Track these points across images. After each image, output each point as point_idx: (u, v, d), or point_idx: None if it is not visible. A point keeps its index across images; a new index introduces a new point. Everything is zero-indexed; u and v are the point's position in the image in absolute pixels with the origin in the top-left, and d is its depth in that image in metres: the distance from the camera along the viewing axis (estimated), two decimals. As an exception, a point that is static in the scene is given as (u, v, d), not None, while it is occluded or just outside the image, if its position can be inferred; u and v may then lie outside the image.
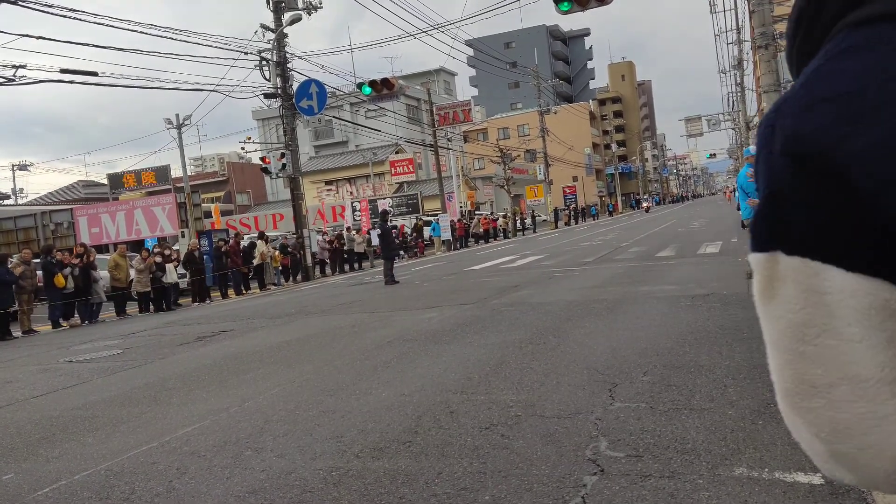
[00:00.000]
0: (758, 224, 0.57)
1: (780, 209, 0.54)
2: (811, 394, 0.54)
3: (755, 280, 0.58)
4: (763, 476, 3.37)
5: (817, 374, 0.53)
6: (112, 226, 27.03)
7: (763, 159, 0.56)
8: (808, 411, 0.54)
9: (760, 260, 0.56)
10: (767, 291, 0.56)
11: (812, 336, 0.53)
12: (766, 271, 0.56)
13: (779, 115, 0.55)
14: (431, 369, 6.54)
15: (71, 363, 9.80)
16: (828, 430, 0.54)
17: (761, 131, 0.57)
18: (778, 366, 0.56)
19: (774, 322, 0.56)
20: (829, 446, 0.54)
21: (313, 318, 11.84)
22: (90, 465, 4.73)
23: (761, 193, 0.56)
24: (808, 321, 0.53)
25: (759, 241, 0.56)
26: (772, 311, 0.56)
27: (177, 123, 28.01)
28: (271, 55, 23.51)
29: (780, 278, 0.55)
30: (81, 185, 49.91)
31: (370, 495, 3.65)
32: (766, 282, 0.56)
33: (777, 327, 0.55)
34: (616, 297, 10.17)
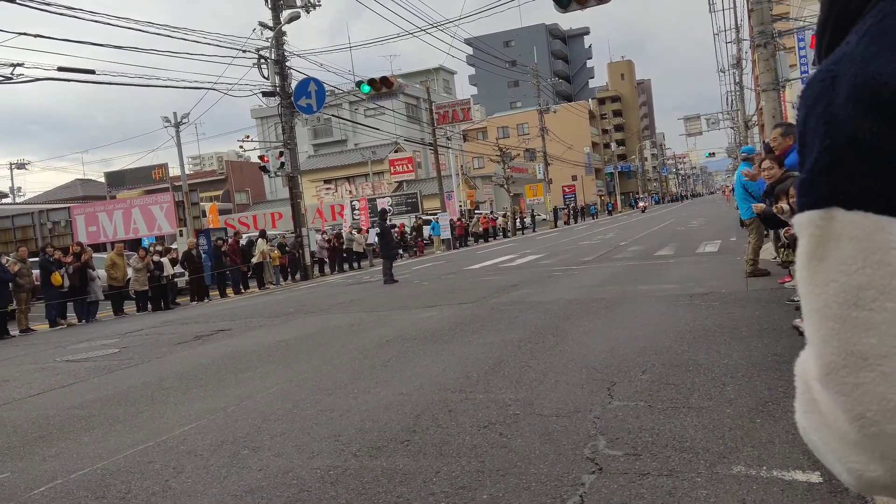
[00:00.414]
0: (811, 180, 0.53)
1: (842, 161, 0.51)
2: (860, 367, 0.50)
3: (802, 243, 0.54)
4: (761, 474, 3.36)
5: (870, 344, 0.49)
6: (109, 224, 27.00)
7: (819, 113, 0.53)
8: (855, 387, 0.50)
9: (813, 218, 0.53)
10: (819, 252, 0.52)
11: (869, 300, 0.50)
12: (820, 230, 0.52)
13: (841, 66, 0.52)
14: (430, 368, 6.53)
15: (68, 362, 9.78)
16: (876, 407, 0.49)
17: (815, 85, 0.54)
18: (822, 337, 0.52)
19: (823, 287, 0.52)
20: (872, 428, 0.49)
21: (312, 317, 11.82)
22: (86, 463, 4.71)
23: (815, 149, 0.53)
24: (867, 283, 0.50)
25: (812, 197, 0.53)
26: (822, 275, 0.52)
27: (175, 122, 27.97)
28: (270, 53, 23.48)
29: (836, 237, 0.51)
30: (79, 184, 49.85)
31: (368, 494, 3.64)
32: (818, 242, 0.52)
33: (826, 293, 0.52)
34: (615, 296, 10.15)
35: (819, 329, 0.52)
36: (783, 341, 6.02)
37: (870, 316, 0.49)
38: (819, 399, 0.54)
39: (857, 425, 0.50)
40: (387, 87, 25.74)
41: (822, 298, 0.52)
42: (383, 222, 18.50)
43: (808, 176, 0.54)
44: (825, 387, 0.53)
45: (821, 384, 0.53)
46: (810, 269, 0.53)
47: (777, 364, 5.32)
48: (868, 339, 0.50)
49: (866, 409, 0.50)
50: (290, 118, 24.44)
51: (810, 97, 0.55)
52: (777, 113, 14.86)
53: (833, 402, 0.52)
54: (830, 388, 0.52)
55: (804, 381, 0.57)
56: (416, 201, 43.29)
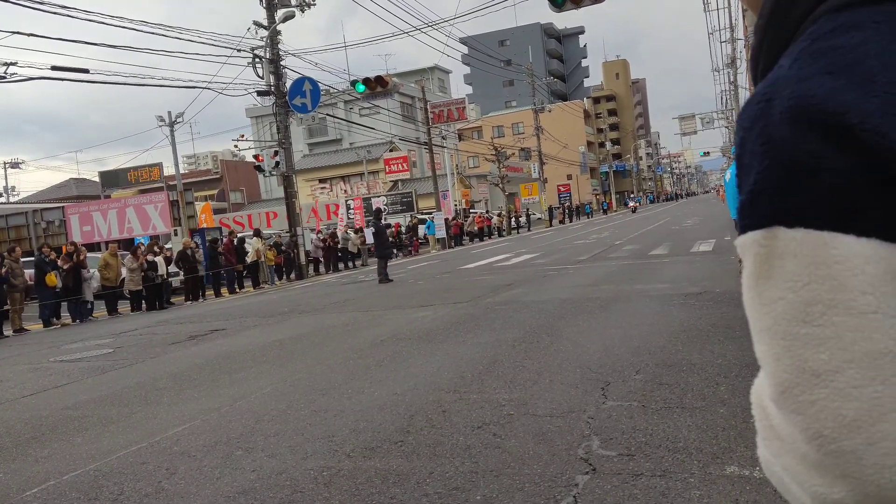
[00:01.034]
0: (752, 201, 0.53)
1: (780, 181, 0.51)
2: (813, 384, 0.49)
3: (748, 263, 0.54)
4: (754, 475, 3.36)
5: (821, 360, 0.49)
6: (104, 224, 26.89)
7: (755, 135, 0.53)
8: (810, 405, 0.49)
9: (756, 238, 0.53)
10: (763, 272, 0.52)
11: (817, 315, 0.49)
12: (764, 249, 0.52)
13: (775, 88, 0.53)
14: (424, 368, 6.52)
15: (61, 362, 9.75)
16: (832, 424, 0.49)
17: (751, 108, 0.54)
18: (774, 355, 0.52)
19: (771, 306, 0.52)
20: (831, 446, 0.49)
21: (306, 317, 11.81)
22: (79, 465, 4.70)
23: (754, 170, 0.53)
24: (813, 298, 0.50)
25: (753, 218, 0.53)
26: (768, 294, 0.52)
27: (169, 121, 27.89)
28: (264, 52, 23.43)
29: (780, 255, 0.51)
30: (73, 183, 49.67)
31: (361, 495, 3.63)
32: (762, 261, 0.52)
33: (775, 311, 0.51)
34: (609, 296, 10.17)
35: (771, 348, 0.52)
36: (777, 341, 6.03)
37: (819, 331, 0.49)
38: (776, 423, 0.54)
39: (816, 444, 0.50)
40: (382, 86, 25.71)
41: (771, 317, 0.52)
42: (378, 222, 18.49)
43: (748, 197, 0.54)
44: (781, 407, 0.52)
45: (776, 405, 0.53)
46: (757, 289, 0.53)
47: (770, 364, 5.32)
48: (819, 354, 0.49)
49: (823, 426, 0.49)
50: (285, 117, 24.39)
51: (747, 119, 0.55)
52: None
53: (790, 422, 0.52)
54: (786, 407, 0.51)
55: (761, 408, 0.57)
56: (412, 200, 43.23)
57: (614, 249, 19.87)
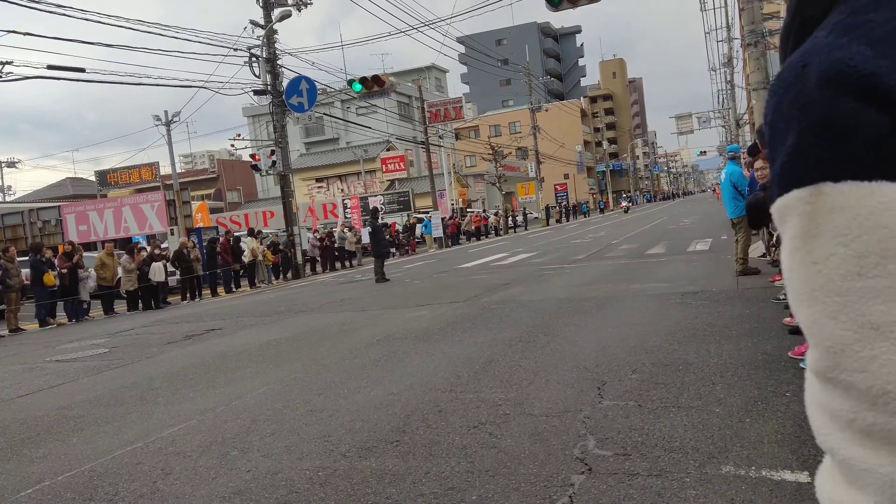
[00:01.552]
0: (793, 161, 0.53)
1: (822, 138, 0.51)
2: (873, 337, 0.48)
3: (792, 224, 0.53)
4: (750, 474, 3.36)
5: (880, 311, 0.48)
6: (100, 223, 26.83)
7: (791, 99, 0.54)
8: (871, 360, 0.48)
9: (802, 196, 0.52)
10: (811, 230, 0.52)
11: (870, 266, 0.49)
12: (811, 206, 0.52)
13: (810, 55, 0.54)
14: (420, 368, 6.52)
15: (57, 362, 9.73)
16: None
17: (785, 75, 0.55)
18: (831, 314, 0.51)
19: (822, 263, 0.51)
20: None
21: (302, 317, 11.79)
22: (74, 465, 4.68)
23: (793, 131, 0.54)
24: (865, 250, 0.49)
25: (795, 177, 0.53)
26: (819, 251, 0.51)
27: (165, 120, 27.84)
28: (261, 52, 23.40)
29: (827, 210, 0.51)
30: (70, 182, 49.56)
31: (357, 495, 3.63)
32: (810, 218, 0.52)
33: (827, 267, 0.51)
34: (606, 295, 10.17)
35: (826, 307, 0.51)
36: (773, 340, 6.04)
37: (874, 283, 0.49)
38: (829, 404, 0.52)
39: (882, 402, 0.48)
40: (379, 85, 25.71)
41: (824, 274, 0.51)
42: (375, 221, 18.47)
43: (787, 159, 0.54)
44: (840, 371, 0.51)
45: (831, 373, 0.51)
46: (806, 248, 0.53)
47: (766, 363, 5.33)
48: (877, 306, 0.49)
49: (887, 381, 0.48)
50: (282, 117, 24.36)
51: (781, 86, 0.56)
52: (767, 112, 14.89)
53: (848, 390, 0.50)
54: (848, 366, 0.50)
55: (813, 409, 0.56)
56: (408, 200, 43.23)
57: (611, 249, 19.88)
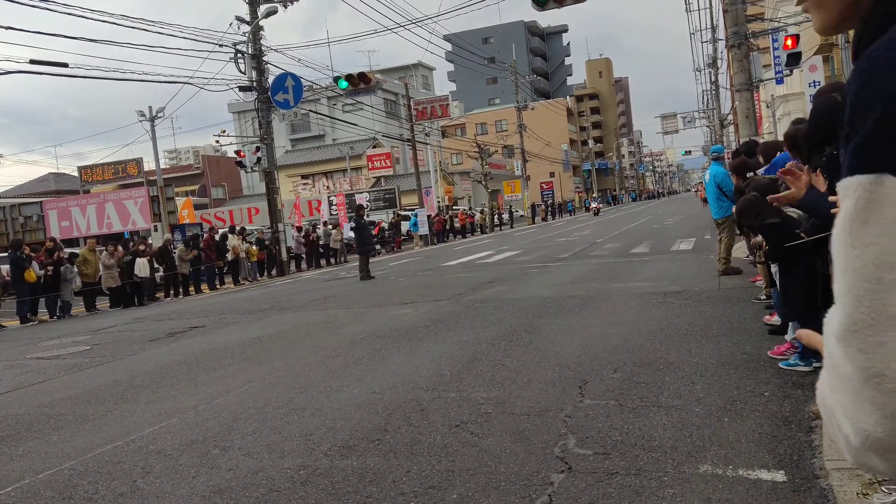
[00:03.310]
0: (865, 146, 0.56)
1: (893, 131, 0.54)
2: (886, 327, 0.52)
3: (847, 205, 0.56)
4: (727, 473, 3.40)
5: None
6: (83, 219, 26.62)
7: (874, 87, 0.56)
8: (879, 345, 0.53)
9: (862, 182, 0.55)
10: (862, 215, 0.55)
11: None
12: (868, 193, 0.54)
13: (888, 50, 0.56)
14: (404, 366, 6.53)
15: (38, 359, 9.64)
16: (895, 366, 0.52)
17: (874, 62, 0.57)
18: (856, 296, 0.54)
19: (864, 249, 0.54)
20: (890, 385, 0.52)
21: (286, 314, 11.76)
22: (54, 463, 4.65)
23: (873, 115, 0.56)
24: None
25: (863, 162, 0.55)
26: (863, 237, 0.55)
27: (150, 116, 27.65)
28: (247, 48, 23.26)
29: (881, 201, 0.54)
30: (52, 178, 49.05)
31: (337, 494, 3.63)
32: (864, 205, 0.55)
33: (866, 254, 0.54)
34: (590, 294, 10.22)
35: (853, 288, 0.55)
36: (753, 340, 6.10)
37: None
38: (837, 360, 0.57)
39: (875, 382, 0.53)
40: (365, 82, 25.64)
41: (862, 259, 0.54)
42: (360, 218, 18.43)
43: (862, 141, 0.56)
44: (848, 345, 0.55)
45: (842, 343, 0.56)
46: (852, 231, 0.56)
47: (746, 363, 5.39)
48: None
49: (886, 367, 0.52)
50: (268, 113, 24.24)
51: (867, 72, 0.58)
52: (750, 112, 15.02)
53: (852, 360, 0.55)
54: (854, 345, 0.55)
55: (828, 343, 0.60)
56: (394, 197, 43.14)
57: (596, 247, 19.97)
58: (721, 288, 9.47)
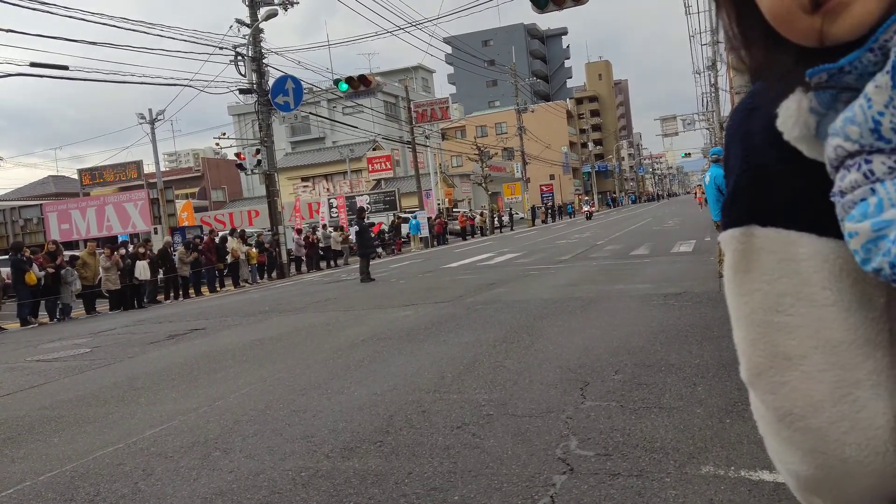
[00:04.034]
0: (733, 200, 0.59)
1: (756, 183, 0.57)
2: (785, 367, 0.55)
3: (729, 257, 0.59)
4: (729, 474, 3.40)
5: (792, 345, 0.54)
6: (83, 222, 26.62)
7: (738, 140, 0.59)
8: (782, 385, 0.55)
9: (736, 235, 0.58)
10: (742, 265, 0.57)
11: (787, 305, 0.55)
12: (742, 245, 0.57)
13: (757, 98, 0.59)
14: (405, 368, 6.52)
15: (39, 362, 9.64)
16: (801, 403, 0.54)
17: (737, 114, 0.60)
18: (751, 341, 0.57)
19: (749, 296, 0.57)
20: (799, 423, 0.54)
21: (287, 316, 11.76)
22: (55, 466, 4.65)
23: (734, 172, 0.59)
24: (784, 290, 0.55)
25: (734, 216, 0.58)
26: (747, 285, 0.57)
27: (150, 118, 27.66)
28: (247, 50, 23.29)
29: (756, 250, 0.57)
30: (52, 181, 49.06)
31: (339, 496, 3.63)
32: (742, 255, 0.57)
33: (752, 301, 0.57)
34: (591, 295, 10.22)
35: (748, 334, 0.57)
36: (754, 341, 6.09)
37: (789, 320, 0.55)
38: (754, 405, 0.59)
39: (787, 421, 0.55)
40: (365, 85, 25.66)
41: (750, 306, 0.57)
42: (361, 221, 18.44)
43: (730, 196, 0.59)
44: (756, 388, 0.57)
45: (751, 387, 0.58)
46: (737, 281, 0.58)
47: (747, 364, 5.38)
48: (790, 340, 0.55)
49: (793, 405, 0.54)
50: (268, 115, 24.26)
51: (733, 125, 0.61)
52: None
53: (763, 402, 0.57)
54: (761, 388, 0.57)
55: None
56: (394, 199, 43.14)
57: (596, 249, 19.97)
58: (721, 290, 9.42)
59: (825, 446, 0.53)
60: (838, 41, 0.52)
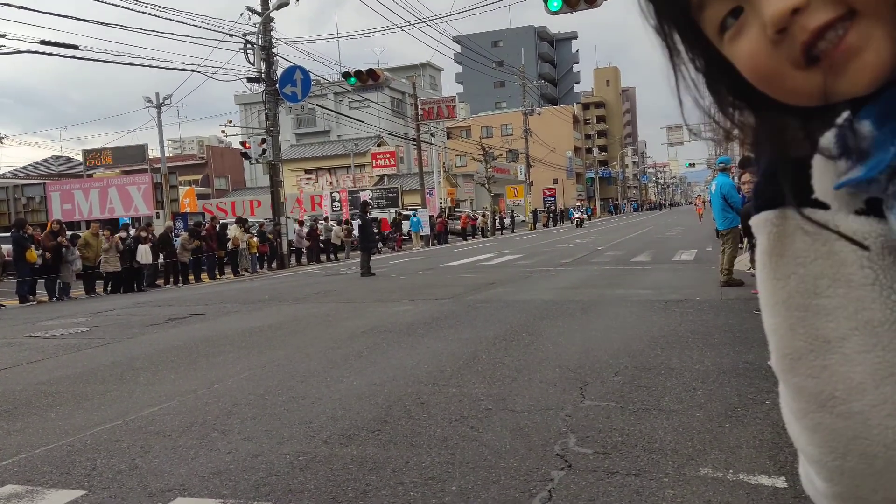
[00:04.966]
0: (767, 182, 0.58)
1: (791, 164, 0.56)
2: (825, 350, 0.53)
3: (762, 241, 0.58)
4: (727, 477, 3.40)
5: (831, 328, 0.53)
6: (85, 203, 26.62)
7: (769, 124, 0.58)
8: (823, 369, 0.54)
9: (770, 217, 0.57)
10: (778, 248, 0.57)
11: (824, 287, 0.54)
12: (777, 227, 0.56)
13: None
14: (404, 361, 6.52)
15: (37, 338, 9.64)
16: (843, 386, 0.53)
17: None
18: (790, 325, 0.56)
19: (786, 280, 0.56)
20: (841, 407, 0.53)
21: (287, 306, 11.75)
22: (52, 439, 4.65)
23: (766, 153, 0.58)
24: (820, 272, 0.54)
25: (768, 198, 0.57)
26: (782, 269, 0.56)
27: (157, 103, 27.65)
28: (257, 39, 23.27)
29: (790, 233, 0.56)
30: (56, 161, 49.06)
31: (336, 481, 3.63)
32: (777, 239, 0.57)
33: (789, 284, 0.56)
34: (591, 299, 10.22)
35: (786, 319, 0.56)
36: (754, 350, 6.10)
37: (827, 302, 0.54)
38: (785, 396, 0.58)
39: (829, 406, 0.54)
40: (373, 79, 25.65)
41: (786, 290, 0.56)
42: (364, 215, 18.44)
43: (762, 179, 0.59)
44: (794, 373, 0.56)
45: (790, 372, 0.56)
46: (772, 265, 0.57)
47: (747, 371, 5.39)
48: (828, 323, 0.54)
49: (834, 388, 0.53)
50: (275, 105, 24.24)
51: None
52: (758, 126, 15.04)
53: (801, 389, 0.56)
54: (801, 372, 0.55)
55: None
56: (397, 196, 43.13)
57: (597, 255, 19.97)
58: (723, 298, 9.46)
59: (867, 431, 0.52)
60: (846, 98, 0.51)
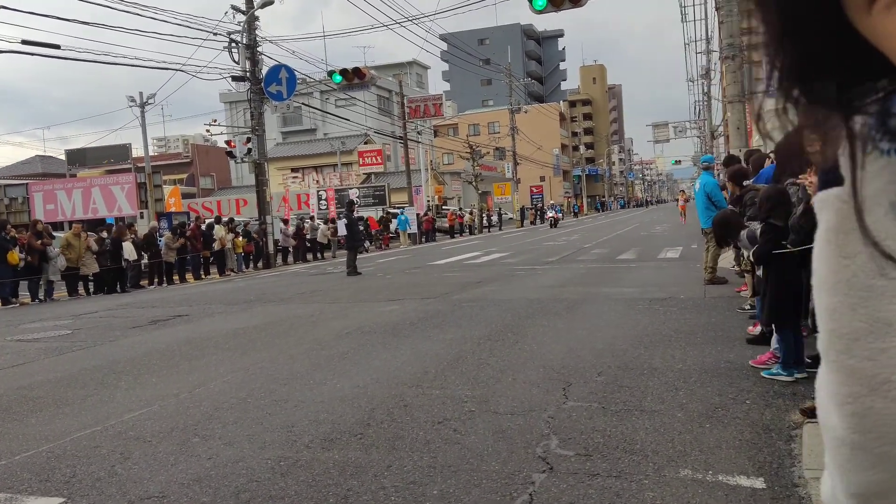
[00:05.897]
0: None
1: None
2: (885, 332, 0.51)
3: (828, 217, 0.55)
4: (707, 478, 3.42)
5: (893, 310, 0.51)
6: (68, 203, 26.40)
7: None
8: (881, 351, 0.52)
9: (839, 193, 0.54)
10: (845, 225, 0.54)
11: (891, 268, 0.51)
12: (846, 204, 0.53)
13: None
14: (388, 362, 6.51)
15: (18, 341, 9.55)
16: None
17: None
18: (851, 305, 0.53)
19: (852, 258, 0.53)
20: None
21: (272, 306, 11.71)
22: (31, 446, 4.61)
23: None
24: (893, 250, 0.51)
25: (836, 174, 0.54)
26: (849, 247, 0.53)
27: (140, 102, 27.44)
28: (241, 37, 23.14)
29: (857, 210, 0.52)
30: (39, 161, 48.61)
31: (317, 486, 3.62)
32: (844, 216, 0.53)
33: (855, 263, 0.53)
34: (576, 297, 10.24)
35: (848, 298, 0.54)
36: (736, 349, 6.14)
37: (892, 284, 0.51)
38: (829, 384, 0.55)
39: (883, 391, 0.51)
40: (359, 78, 25.56)
41: (851, 269, 0.53)
42: (350, 213, 18.39)
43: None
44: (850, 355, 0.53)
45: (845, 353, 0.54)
46: (838, 242, 0.54)
47: (729, 371, 5.42)
48: (891, 305, 0.51)
49: (892, 372, 0.51)
50: (260, 104, 24.12)
51: None
52: (742, 124, 15.13)
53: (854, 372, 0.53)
54: (858, 354, 0.53)
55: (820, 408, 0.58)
56: (384, 194, 43.04)
57: (583, 252, 20.02)
58: (706, 296, 9.52)
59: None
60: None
